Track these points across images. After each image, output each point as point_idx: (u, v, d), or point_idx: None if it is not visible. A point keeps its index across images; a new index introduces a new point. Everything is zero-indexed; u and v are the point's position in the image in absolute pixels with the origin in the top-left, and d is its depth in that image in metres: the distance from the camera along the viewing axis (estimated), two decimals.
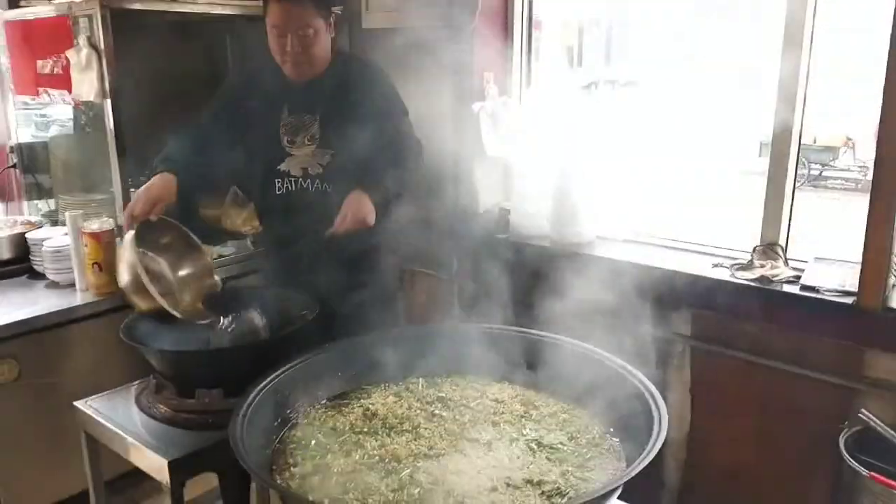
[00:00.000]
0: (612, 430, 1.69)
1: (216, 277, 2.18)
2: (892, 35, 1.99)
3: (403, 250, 2.58)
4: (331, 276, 2.14)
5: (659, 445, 1.40)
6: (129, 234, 1.94)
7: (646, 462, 1.35)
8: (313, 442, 1.63)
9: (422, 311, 3.14)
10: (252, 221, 3.15)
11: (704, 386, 2.53)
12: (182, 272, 2.14)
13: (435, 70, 2.93)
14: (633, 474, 1.32)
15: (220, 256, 2.95)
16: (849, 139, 9.34)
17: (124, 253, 1.91)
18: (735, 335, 2.41)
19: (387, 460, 1.54)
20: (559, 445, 1.61)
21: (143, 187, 2.07)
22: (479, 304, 2.58)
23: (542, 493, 1.44)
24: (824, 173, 8.99)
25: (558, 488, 1.45)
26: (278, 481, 1.49)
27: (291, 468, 1.54)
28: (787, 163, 2.42)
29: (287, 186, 2.31)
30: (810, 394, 2.27)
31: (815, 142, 8.67)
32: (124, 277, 1.89)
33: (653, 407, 1.55)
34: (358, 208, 2.07)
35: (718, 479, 2.54)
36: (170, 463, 1.70)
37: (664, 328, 2.57)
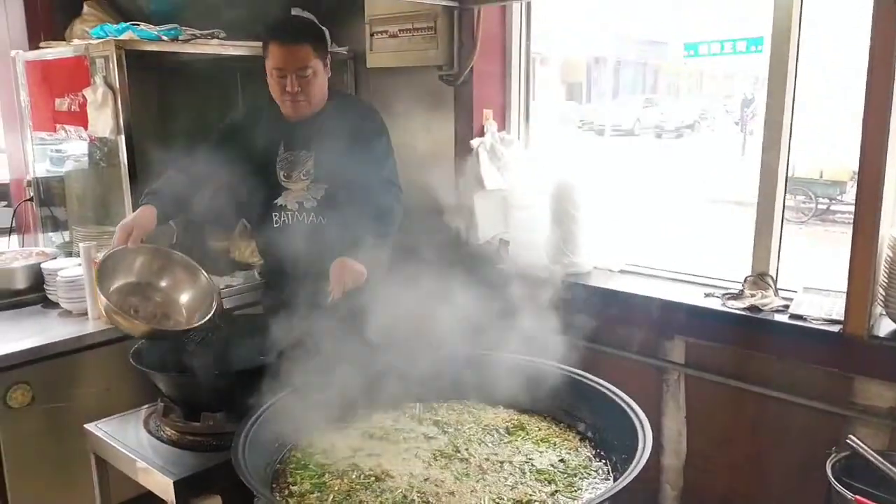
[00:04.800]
0: (602, 452, 1.76)
1: (202, 276, 2.26)
2: (867, 80, 2.08)
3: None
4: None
5: (642, 465, 1.47)
6: (93, 271, 2.06)
7: (628, 480, 1.41)
8: (312, 462, 1.69)
9: (427, 339, 3.20)
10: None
11: (699, 413, 2.58)
12: (164, 282, 2.24)
13: (436, 106, 3.04)
14: (615, 491, 1.38)
15: (229, 286, 3.03)
16: (855, 173, 9.38)
17: (95, 289, 2.03)
18: (727, 363, 2.46)
19: (382, 480, 1.61)
20: (549, 468, 1.67)
21: (122, 222, 2.18)
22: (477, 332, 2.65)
23: None
24: (832, 207, 9.02)
25: None
26: (278, 499, 1.55)
27: (291, 486, 1.61)
28: (775, 194, 2.49)
29: (284, 219, 2.41)
30: (800, 420, 2.32)
31: (821, 176, 8.71)
32: (100, 307, 2.03)
33: (638, 429, 1.62)
34: (342, 274, 2.10)
35: None
36: (175, 483, 1.76)
37: (659, 357, 2.63)
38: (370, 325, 2.04)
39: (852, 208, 2.19)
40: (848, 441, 2.08)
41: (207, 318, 2.12)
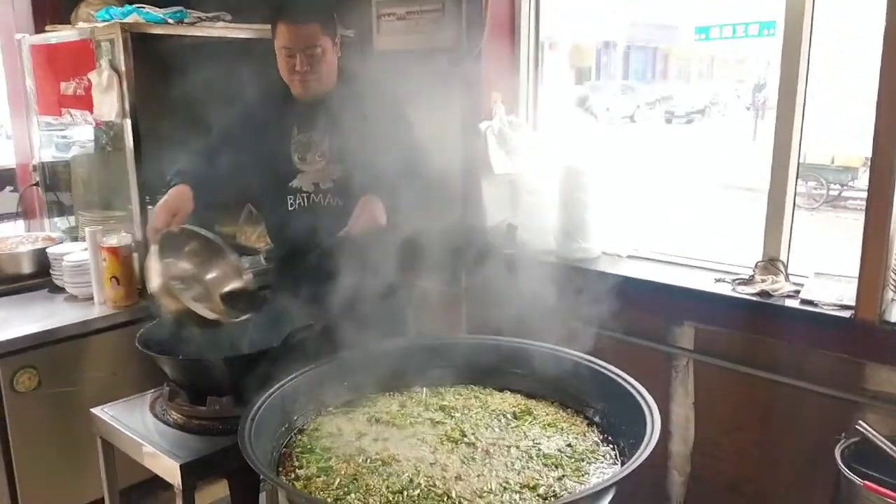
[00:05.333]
0: (609, 437, 1.74)
1: (245, 276, 2.23)
2: (882, 63, 2.05)
3: (412, 264, 2.64)
4: (339, 286, 2.18)
5: (650, 449, 1.45)
6: (154, 247, 2.01)
7: (636, 464, 1.40)
8: (318, 447, 1.69)
9: (429, 324, 3.19)
10: (266, 237, 3.24)
11: (708, 400, 2.56)
12: (210, 276, 2.20)
13: (444, 90, 3.01)
14: (624, 475, 1.37)
15: None
16: (867, 159, 9.30)
17: (151, 263, 1.97)
18: (737, 349, 2.44)
19: (389, 464, 1.60)
20: (556, 452, 1.66)
21: (160, 201, 2.15)
22: (485, 317, 2.64)
23: (538, 495, 1.48)
24: (843, 193, 8.96)
25: (554, 491, 1.49)
26: (284, 482, 1.55)
27: (297, 470, 1.60)
28: (787, 180, 2.46)
29: (300, 202, 2.38)
30: (810, 406, 2.29)
31: (833, 162, 8.65)
32: (153, 283, 1.95)
33: (646, 413, 1.61)
34: (371, 208, 2.17)
35: (722, 493, 2.56)
36: (181, 466, 1.76)
37: (668, 342, 2.61)
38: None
39: (864, 194, 2.16)
40: (857, 427, 2.06)
41: (246, 317, 2.08)
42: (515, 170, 2.98)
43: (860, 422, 2.05)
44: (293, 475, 1.58)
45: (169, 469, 1.79)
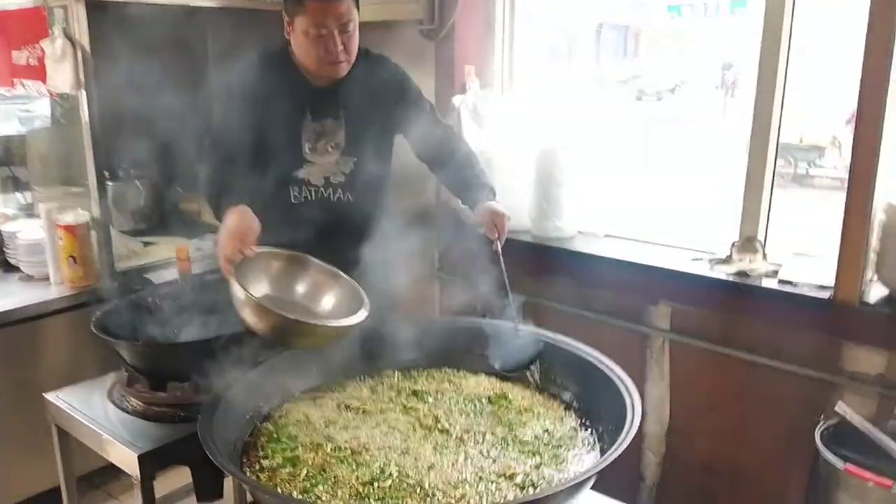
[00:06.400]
0: (587, 422, 1.69)
1: (343, 280, 1.94)
2: (866, 41, 2.00)
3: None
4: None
5: (632, 435, 1.40)
6: (233, 281, 1.71)
7: (618, 452, 1.35)
8: (285, 435, 1.61)
9: (401, 305, 3.13)
10: None
11: (683, 380, 2.53)
12: (320, 302, 1.92)
13: (416, 63, 2.91)
14: (605, 464, 1.32)
15: (199, 250, 2.91)
16: (835, 138, 9.40)
17: (238, 300, 1.70)
18: (714, 329, 2.41)
19: (358, 453, 1.53)
20: (533, 439, 1.60)
21: (221, 229, 1.85)
22: (459, 297, 2.58)
23: (515, 485, 1.43)
24: (811, 172, 9.04)
25: (532, 481, 1.44)
26: (248, 474, 1.47)
27: (262, 461, 1.52)
28: (765, 159, 2.41)
29: (306, 195, 2.17)
30: (788, 387, 2.27)
31: (801, 141, 8.72)
32: (256, 325, 1.69)
33: (626, 397, 1.56)
34: (501, 219, 2.08)
35: (697, 473, 2.54)
36: (139, 457, 1.67)
37: (644, 322, 2.57)
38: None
39: (830, 172, 2.13)
40: (837, 409, 2.04)
41: (361, 317, 1.79)
42: (489, 146, 2.89)
43: (840, 402, 2.02)
44: (258, 466, 1.50)
45: (127, 459, 1.70)
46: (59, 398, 1.96)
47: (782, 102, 2.39)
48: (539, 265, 2.81)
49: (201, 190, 2.11)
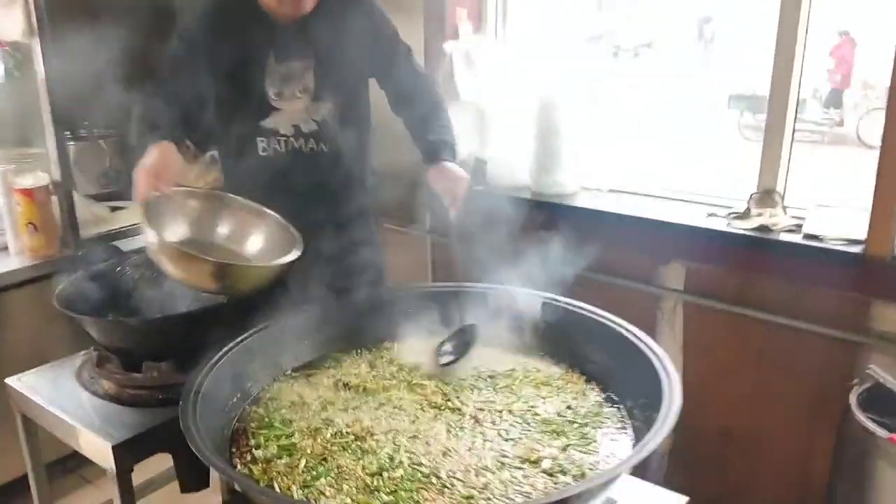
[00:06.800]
0: (612, 395, 1.53)
1: (271, 218, 1.85)
2: None
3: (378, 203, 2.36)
4: (313, 237, 1.89)
5: (676, 410, 1.25)
6: (143, 220, 1.61)
7: (664, 433, 1.18)
8: (278, 419, 1.43)
9: (393, 270, 2.95)
10: (207, 177, 2.90)
11: (697, 343, 2.39)
12: (225, 231, 1.84)
13: (402, 6, 2.68)
14: (652, 448, 1.15)
15: None
16: (815, 90, 9.28)
17: (151, 245, 1.60)
18: (731, 288, 2.26)
19: (363, 438, 1.36)
20: (556, 416, 1.44)
21: (138, 165, 1.72)
22: (456, 261, 2.40)
23: (542, 471, 1.26)
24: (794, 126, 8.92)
25: (560, 466, 1.27)
26: (238, 468, 1.29)
27: (254, 450, 1.34)
28: (785, 106, 2.24)
29: (274, 147, 1.99)
30: (811, 349, 2.13)
31: None
32: (175, 272, 1.60)
33: (659, 369, 1.40)
34: (454, 183, 1.88)
35: (711, 441, 2.42)
36: (114, 447, 1.49)
37: (654, 283, 2.41)
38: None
39: (810, 126, 1.97)
40: (869, 371, 1.90)
41: (294, 256, 1.71)
42: (484, 96, 2.69)
43: (871, 366, 1.89)
44: (249, 457, 1.32)
45: (100, 450, 1.52)
46: (23, 382, 1.76)
47: (804, 48, 2.22)
48: (539, 223, 2.63)
49: (132, 128, 1.89)
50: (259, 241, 1.82)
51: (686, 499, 1.41)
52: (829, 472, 2.02)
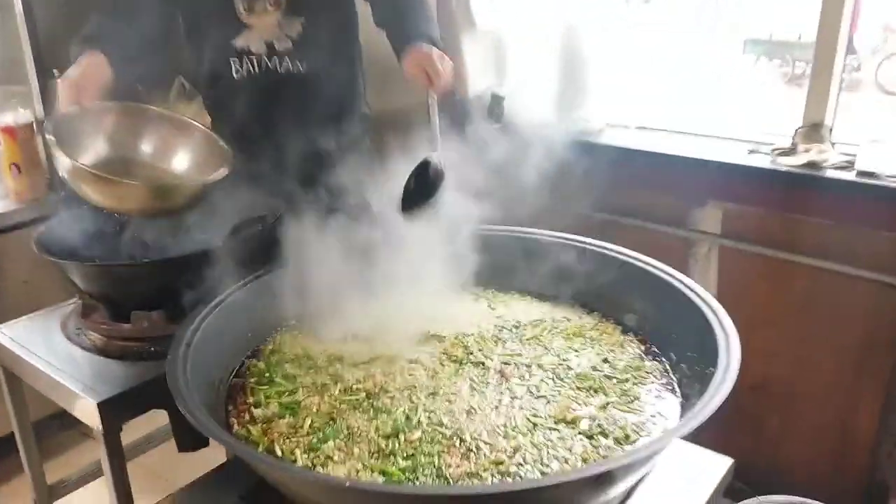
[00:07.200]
0: (653, 348, 1.37)
1: (199, 131, 1.72)
2: None
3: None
4: (301, 169, 1.74)
5: (735, 370, 1.08)
6: (55, 147, 1.45)
7: (723, 394, 1.02)
8: (280, 374, 1.28)
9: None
10: (203, 118, 2.72)
11: (734, 290, 2.22)
12: (171, 160, 1.70)
13: None
14: (710, 412, 0.99)
15: None
16: None
17: (64, 169, 1.45)
18: (772, 231, 2.08)
19: (375, 396, 1.20)
20: (591, 371, 1.28)
21: (62, 77, 1.59)
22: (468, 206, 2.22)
23: (580, 433, 1.11)
24: (807, 72, 8.59)
25: (600, 427, 1.12)
26: (235, 428, 1.15)
27: (252, 409, 1.20)
28: (837, 34, 2.04)
29: (248, 68, 1.84)
30: (862, 296, 1.97)
31: (800, 39, 8.27)
32: (95, 198, 1.48)
33: (714, 324, 1.24)
34: (436, 61, 1.66)
35: (744, 396, 2.24)
36: (100, 404, 1.34)
37: (688, 226, 2.24)
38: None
39: None
40: None
41: (224, 172, 1.59)
42: (503, 25, 2.48)
43: None
44: (247, 416, 1.18)
45: (86, 409, 1.37)
46: (4, 333, 1.61)
47: None
48: (562, 164, 2.45)
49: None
50: (186, 157, 1.70)
51: (731, 460, 1.25)
52: (875, 433, 1.87)
